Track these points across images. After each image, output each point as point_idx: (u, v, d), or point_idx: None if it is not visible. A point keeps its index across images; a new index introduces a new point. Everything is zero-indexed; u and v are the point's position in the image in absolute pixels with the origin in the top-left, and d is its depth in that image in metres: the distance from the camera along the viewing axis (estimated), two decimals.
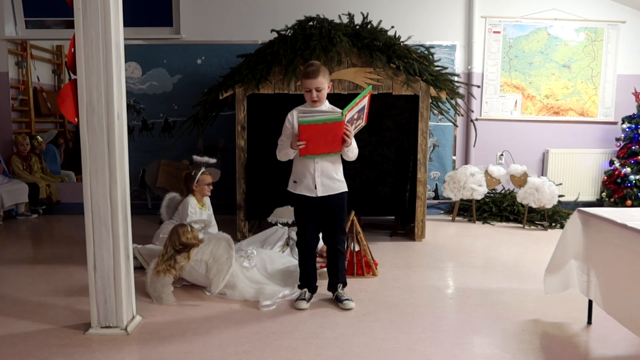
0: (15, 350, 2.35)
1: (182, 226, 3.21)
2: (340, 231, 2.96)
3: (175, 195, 4.11)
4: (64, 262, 3.81)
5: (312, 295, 2.98)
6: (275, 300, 2.94)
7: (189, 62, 5.65)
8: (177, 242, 3.10)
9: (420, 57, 4.40)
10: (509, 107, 5.86)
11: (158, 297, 2.99)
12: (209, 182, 3.97)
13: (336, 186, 2.87)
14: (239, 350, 2.35)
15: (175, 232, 3.15)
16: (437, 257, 3.98)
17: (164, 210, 4.05)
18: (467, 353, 2.35)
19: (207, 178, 3.96)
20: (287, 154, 2.87)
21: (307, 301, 2.91)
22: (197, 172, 3.92)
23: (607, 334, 2.55)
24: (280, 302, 2.95)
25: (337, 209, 2.89)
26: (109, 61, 2.39)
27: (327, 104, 2.90)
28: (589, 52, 5.80)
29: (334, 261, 2.97)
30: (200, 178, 3.90)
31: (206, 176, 3.95)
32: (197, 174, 3.90)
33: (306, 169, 2.83)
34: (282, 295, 3.02)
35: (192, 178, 3.92)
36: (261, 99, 4.30)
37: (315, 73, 2.76)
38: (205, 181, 3.93)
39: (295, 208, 2.95)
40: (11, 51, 5.74)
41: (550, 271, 2.78)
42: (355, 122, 2.80)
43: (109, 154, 2.43)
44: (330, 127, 2.67)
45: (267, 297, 2.95)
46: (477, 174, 5.32)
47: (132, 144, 4.57)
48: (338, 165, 2.88)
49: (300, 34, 4.20)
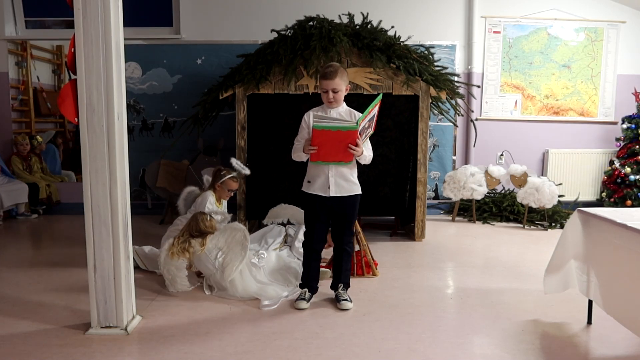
0: (15, 350, 2.35)
1: (202, 214, 3.20)
2: (348, 232, 2.96)
3: (195, 189, 4.00)
4: (63, 262, 3.81)
5: (312, 296, 2.98)
6: (276, 301, 2.94)
7: (189, 62, 5.65)
8: (194, 228, 3.12)
9: (420, 57, 4.40)
10: (509, 107, 5.86)
11: (172, 279, 3.03)
12: (233, 188, 3.87)
13: (350, 188, 2.85)
14: (239, 350, 2.35)
15: (195, 218, 3.16)
16: (437, 257, 3.98)
17: (182, 203, 3.95)
18: (467, 353, 2.35)
19: (233, 184, 3.86)
20: (300, 157, 2.86)
21: (307, 301, 2.91)
22: (227, 174, 3.81)
23: (607, 334, 2.55)
24: (281, 304, 2.95)
25: (348, 210, 2.88)
26: (109, 61, 2.39)
27: (344, 106, 2.89)
28: (589, 52, 5.80)
29: (339, 261, 2.97)
30: (226, 180, 3.80)
31: (233, 182, 3.85)
32: (226, 176, 3.80)
33: (320, 169, 2.82)
34: (284, 296, 3.02)
35: (220, 176, 3.81)
36: (261, 99, 4.30)
37: (333, 74, 2.75)
38: (229, 186, 3.84)
39: (306, 209, 2.94)
40: (11, 51, 5.74)
41: (550, 271, 2.78)
42: (365, 130, 2.80)
43: (109, 154, 2.43)
44: (344, 135, 2.66)
45: (268, 297, 2.95)
46: (477, 174, 5.32)
47: (132, 144, 4.57)
48: (354, 167, 2.87)
49: (300, 34, 4.20)
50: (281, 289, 3.10)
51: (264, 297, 2.95)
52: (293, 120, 4.36)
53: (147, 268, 3.59)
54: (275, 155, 4.33)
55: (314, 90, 4.25)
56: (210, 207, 3.71)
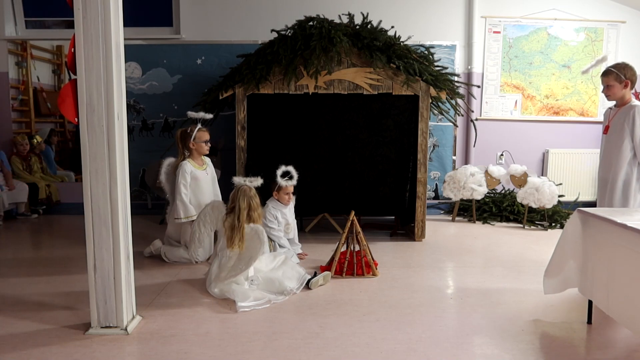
0: (15, 350, 2.35)
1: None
2: None
3: (173, 160, 3.95)
4: (63, 262, 3.81)
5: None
6: (256, 304, 2.86)
7: (189, 62, 5.65)
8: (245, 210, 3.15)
9: (420, 57, 4.40)
10: (509, 107, 5.86)
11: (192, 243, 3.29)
12: (206, 139, 3.79)
13: None
14: (238, 350, 2.35)
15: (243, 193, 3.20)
16: (437, 257, 3.98)
17: (164, 177, 3.91)
18: (467, 353, 2.35)
19: (204, 135, 3.78)
20: None
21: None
22: (194, 129, 3.73)
23: (607, 334, 2.55)
24: (282, 304, 2.95)
25: None
26: (109, 61, 2.39)
27: None
28: (589, 52, 5.80)
29: None
30: (197, 135, 3.72)
31: (203, 133, 3.77)
32: (194, 131, 3.72)
33: None
34: (267, 301, 2.93)
35: (188, 135, 3.73)
36: (261, 99, 4.30)
37: None
38: (202, 138, 3.76)
39: None
40: (11, 51, 5.74)
41: (550, 271, 2.78)
42: None
43: (109, 154, 2.43)
44: None
45: (245, 299, 2.89)
46: (477, 174, 5.32)
47: (132, 144, 4.59)
48: None
49: (300, 34, 4.20)
50: (265, 294, 2.98)
51: (239, 299, 2.88)
52: (293, 120, 4.38)
53: (169, 260, 3.78)
54: (275, 155, 4.33)
55: (313, 90, 4.25)
56: (185, 178, 3.70)
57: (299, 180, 3.85)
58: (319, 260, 3.75)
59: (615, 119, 3.36)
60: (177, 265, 3.73)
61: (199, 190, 3.81)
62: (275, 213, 3.79)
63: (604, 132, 3.49)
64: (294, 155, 4.32)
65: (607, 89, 3.37)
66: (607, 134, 3.43)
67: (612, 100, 3.43)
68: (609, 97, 3.40)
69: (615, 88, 3.33)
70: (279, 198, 3.81)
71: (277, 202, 3.82)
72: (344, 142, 4.38)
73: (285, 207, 3.85)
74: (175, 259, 3.78)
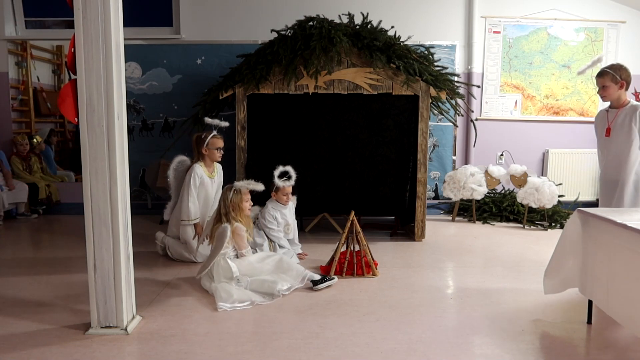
0: (15, 350, 2.35)
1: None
2: None
3: (186, 159, 3.96)
4: (64, 262, 3.81)
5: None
6: (237, 306, 2.85)
7: (189, 62, 5.65)
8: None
9: (420, 57, 4.40)
10: (509, 107, 5.85)
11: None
12: (219, 146, 3.82)
13: None
14: (239, 350, 2.35)
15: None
16: (437, 257, 3.98)
17: (172, 174, 3.92)
18: (467, 353, 2.35)
19: (218, 142, 3.81)
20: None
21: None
22: (208, 135, 3.76)
23: (607, 334, 2.55)
24: (281, 303, 2.95)
25: None
26: (109, 61, 2.39)
27: None
28: (589, 52, 5.80)
29: None
30: (210, 141, 3.75)
31: (217, 140, 3.80)
32: (208, 137, 3.75)
33: None
34: (250, 302, 2.90)
35: (202, 141, 3.77)
36: (261, 99, 4.30)
37: None
38: (215, 145, 3.79)
39: None
40: (11, 51, 5.74)
41: (550, 271, 2.78)
42: None
43: (109, 154, 2.43)
44: None
45: (227, 299, 2.88)
46: (477, 174, 5.32)
47: (132, 144, 4.58)
48: None
49: (300, 34, 4.20)
50: (251, 295, 2.96)
51: (221, 299, 2.87)
52: (293, 121, 4.38)
53: (173, 257, 3.83)
54: (275, 155, 4.33)
55: (313, 90, 4.25)
56: (196, 180, 3.73)
57: (299, 180, 3.85)
58: (319, 260, 3.75)
59: (618, 120, 3.36)
60: (178, 264, 3.73)
61: (200, 197, 3.84)
62: (274, 214, 3.79)
63: (605, 135, 3.48)
64: (294, 155, 4.32)
65: (603, 90, 3.37)
66: (610, 136, 3.42)
67: (607, 101, 3.43)
68: (604, 98, 3.41)
69: (611, 89, 3.33)
70: (277, 199, 3.82)
71: (276, 202, 3.83)
72: (344, 142, 4.38)
73: (285, 207, 3.85)
74: (177, 256, 3.82)
